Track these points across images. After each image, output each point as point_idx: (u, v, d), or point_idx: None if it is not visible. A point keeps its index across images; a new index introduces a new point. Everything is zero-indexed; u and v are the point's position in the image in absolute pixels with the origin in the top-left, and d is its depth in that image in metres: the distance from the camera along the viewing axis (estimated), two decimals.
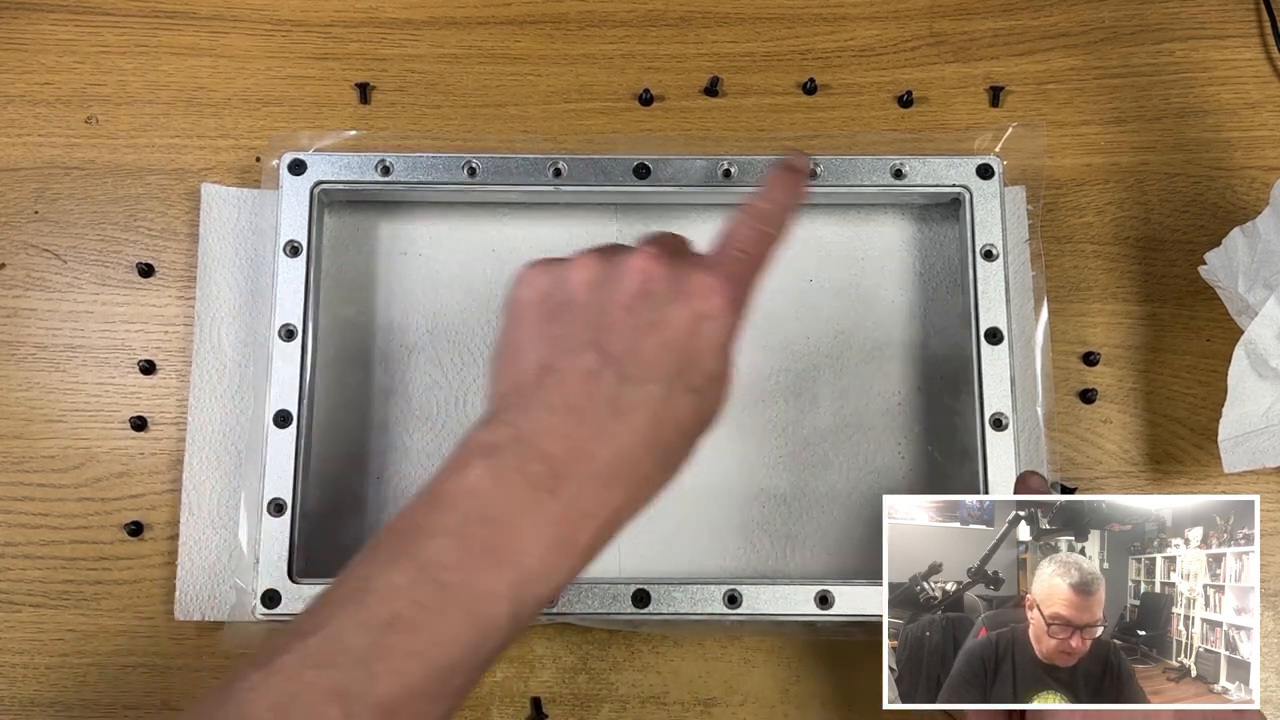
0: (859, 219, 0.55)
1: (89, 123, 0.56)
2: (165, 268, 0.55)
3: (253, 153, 0.56)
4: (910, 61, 0.58)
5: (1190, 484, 0.53)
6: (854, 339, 0.54)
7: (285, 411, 0.50)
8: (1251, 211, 0.54)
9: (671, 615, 0.48)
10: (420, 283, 0.54)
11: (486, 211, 0.55)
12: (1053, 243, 0.55)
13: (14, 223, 0.55)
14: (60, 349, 0.54)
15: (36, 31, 0.57)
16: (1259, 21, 0.58)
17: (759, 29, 0.58)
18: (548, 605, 0.41)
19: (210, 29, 0.58)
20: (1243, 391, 0.48)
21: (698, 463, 0.52)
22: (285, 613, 0.48)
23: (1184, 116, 0.57)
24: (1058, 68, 0.58)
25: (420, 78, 0.57)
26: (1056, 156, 0.56)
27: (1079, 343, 0.54)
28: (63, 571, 0.51)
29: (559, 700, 0.50)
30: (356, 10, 0.58)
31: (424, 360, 0.53)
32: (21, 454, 0.52)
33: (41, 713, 0.50)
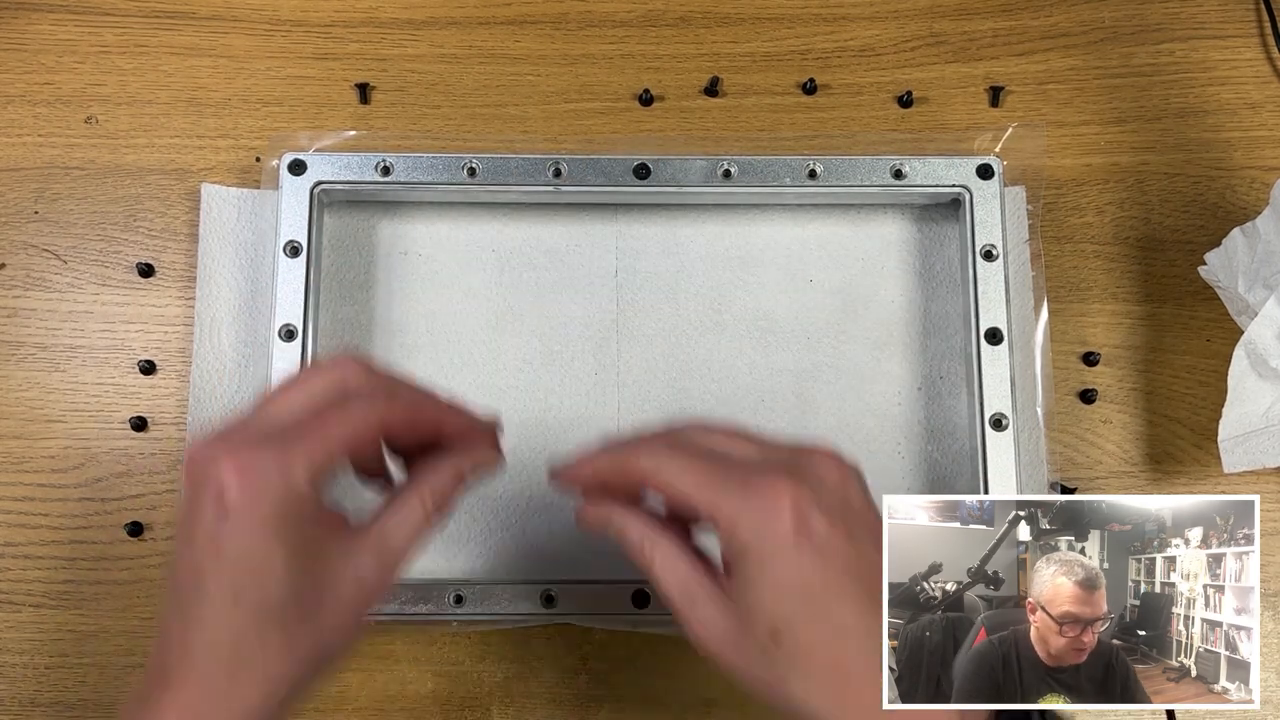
0: (859, 219, 0.55)
1: (89, 123, 0.56)
2: (165, 268, 0.55)
3: (253, 153, 0.56)
4: (910, 61, 0.58)
5: (1190, 484, 0.53)
6: (854, 339, 0.54)
7: None
8: (1251, 211, 0.54)
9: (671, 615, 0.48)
10: (420, 283, 0.54)
11: (486, 211, 0.55)
12: (1053, 243, 0.55)
13: (14, 223, 0.55)
14: (60, 349, 0.54)
15: (36, 31, 0.57)
16: (1259, 21, 0.58)
17: (759, 29, 0.58)
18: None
19: (210, 29, 0.58)
20: (1243, 391, 0.48)
21: None
22: None
23: (1184, 116, 0.57)
24: (1058, 68, 0.58)
25: (420, 78, 0.57)
26: (1056, 156, 0.56)
27: (1079, 343, 0.54)
28: (63, 572, 0.51)
29: (559, 700, 0.50)
30: (356, 10, 0.58)
31: (424, 360, 0.53)
32: (21, 454, 0.52)
33: (41, 713, 0.50)
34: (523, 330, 0.54)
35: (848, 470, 0.37)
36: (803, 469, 0.36)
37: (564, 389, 0.53)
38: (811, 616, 0.35)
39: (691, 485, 0.37)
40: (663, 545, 0.38)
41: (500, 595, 0.48)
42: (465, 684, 0.51)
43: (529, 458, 0.52)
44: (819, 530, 0.35)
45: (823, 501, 0.35)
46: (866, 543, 0.36)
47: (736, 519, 0.35)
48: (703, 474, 0.37)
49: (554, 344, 0.53)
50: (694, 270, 0.54)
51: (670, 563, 0.38)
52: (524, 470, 0.52)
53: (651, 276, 0.54)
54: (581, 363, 0.53)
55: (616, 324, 0.54)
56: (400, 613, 0.48)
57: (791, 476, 0.36)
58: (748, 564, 0.35)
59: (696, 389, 0.53)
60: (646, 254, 0.54)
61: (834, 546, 0.35)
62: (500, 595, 0.48)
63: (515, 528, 0.51)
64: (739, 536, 0.35)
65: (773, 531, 0.35)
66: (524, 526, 0.52)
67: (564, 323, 0.54)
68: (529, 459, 0.52)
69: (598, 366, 0.53)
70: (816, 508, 0.35)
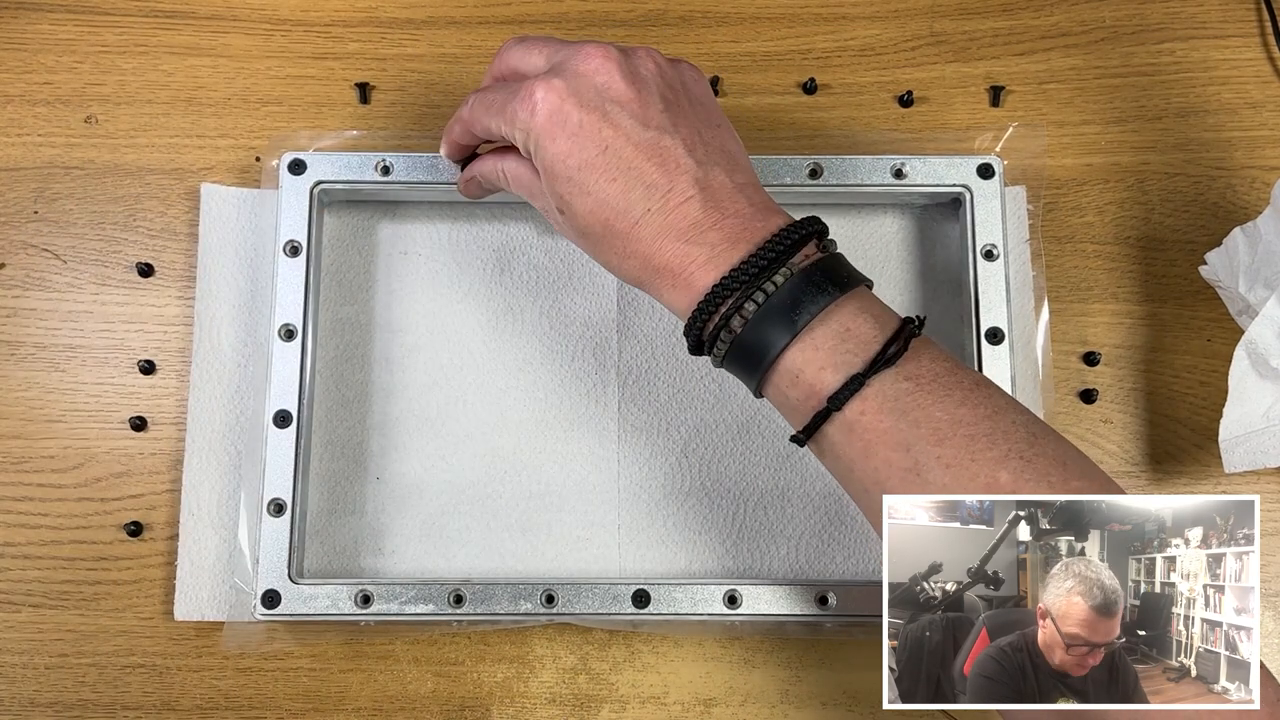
0: (859, 219, 0.55)
1: (89, 122, 0.56)
2: (165, 268, 0.55)
3: (253, 152, 0.56)
4: (910, 61, 0.58)
5: (1190, 484, 0.53)
6: None
7: (285, 411, 0.50)
8: (1252, 211, 0.54)
9: (671, 615, 0.48)
10: (420, 283, 0.54)
11: (486, 211, 0.55)
12: (1053, 243, 0.55)
13: (14, 223, 0.55)
14: (60, 349, 0.54)
15: (36, 31, 0.57)
16: (1259, 21, 0.58)
17: (759, 29, 0.58)
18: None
19: (210, 29, 0.58)
20: (1243, 391, 0.48)
21: (697, 463, 0.52)
22: (285, 613, 0.48)
23: (1184, 116, 0.57)
24: (1058, 67, 0.57)
25: (420, 78, 0.57)
26: (1057, 156, 0.56)
27: (1079, 343, 0.54)
28: (62, 571, 0.51)
29: (559, 700, 0.50)
30: (356, 10, 0.58)
31: (424, 360, 0.53)
32: (21, 454, 0.52)
33: (41, 713, 0.50)
34: (523, 330, 0.54)
35: (612, 59, 0.42)
36: (563, 67, 0.42)
37: (564, 389, 0.53)
38: (576, 192, 0.41)
39: (488, 116, 0.44)
40: (507, 163, 0.46)
41: (500, 595, 0.48)
42: (465, 684, 0.51)
43: (529, 458, 0.52)
44: (572, 118, 0.41)
45: (578, 92, 0.41)
46: (624, 117, 0.41)
47: (514, 128, 0.42)
48: (494, 103, 0.44)
49: (554, 344, 0.53)
50: None
51: (514, 172, 0.45)
52: (524, 470, 0.52)
53: None
54: (581, 363, 0.53)
55: (616, 324, 0.54)
56: (400, 613, 0.48)
57: (549, 76, 0.42)
58: (535, 160, 0.42)
59: (696, 389, 0.53)
60: None
61: (586, 129, 0.41)
62: (500, 595, 0.48)
63: (515, 528, 0.51)
64: (521, 142, 0.43)
65: (536, 128, 0.41)
66: (524, 526, 0.52)
67: (564, 323, 0.54)
68: (529, 459, 0.52)
69: (598, 366, 0.53)
70: (571, 99, 0.41)
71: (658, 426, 0.52)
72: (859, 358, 0.38)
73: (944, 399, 0.38)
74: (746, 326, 0.39)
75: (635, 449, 0.52)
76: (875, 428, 0.38)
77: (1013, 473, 0.36)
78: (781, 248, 0.39)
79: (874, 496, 0.39)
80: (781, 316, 0.39)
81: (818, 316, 0.39)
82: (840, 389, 0.38)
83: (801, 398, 0.39)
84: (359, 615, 0.48)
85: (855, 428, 0.38)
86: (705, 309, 0.40)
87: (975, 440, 0.37)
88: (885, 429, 0.38)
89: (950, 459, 0.37)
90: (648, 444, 0.52)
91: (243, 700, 0.50)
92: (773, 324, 0.39)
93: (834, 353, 0.38)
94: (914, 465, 0.37)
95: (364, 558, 0.51)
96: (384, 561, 0.51)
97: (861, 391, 0.38)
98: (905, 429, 0.37)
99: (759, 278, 0.39)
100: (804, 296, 0.39)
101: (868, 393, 0.38)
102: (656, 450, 0.52)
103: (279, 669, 0.51)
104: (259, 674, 0.51)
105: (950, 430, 0.37)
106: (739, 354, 0.40)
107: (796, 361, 0.39)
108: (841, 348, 0.38)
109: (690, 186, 0.41)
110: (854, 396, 0.38)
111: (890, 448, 0.38)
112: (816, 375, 0.39)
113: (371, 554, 0.51)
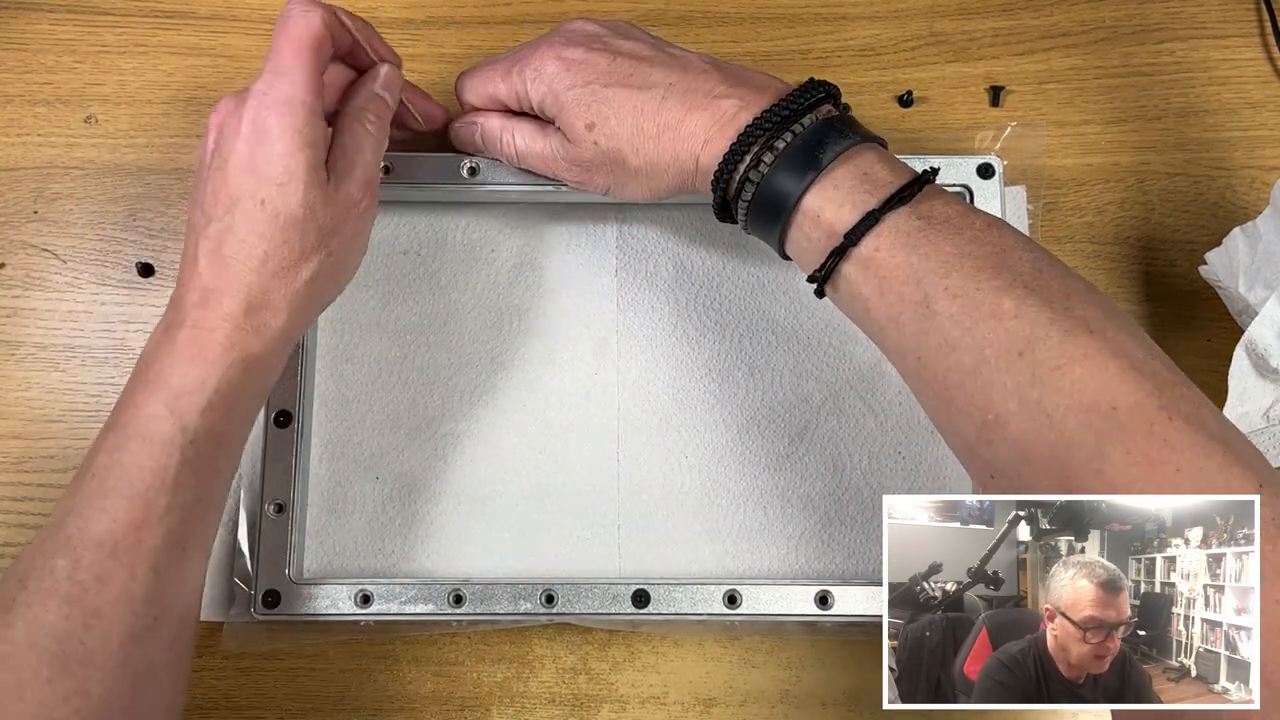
0: None
1: (88, 122, 0.56)
2: (165, 268, 0.55)
3: None
4: (910, 61, 0.58)
5: None
6: (854, 339, 0.53)
7: (285, 411, 0.50)
8: (1252, 211, 0.54)
9: (671, 615, 0.48)
10: (420, 283, 0.54)
11: (486, 211, 0.55)
12: (1053, 242, 0.55)
13: (14, 223, 0.55)
14: (60, 349, 0.54)
15: (36, 31, 0.57)
16: (1259, 21, 0.58)
17: (759, 29, 0.58)
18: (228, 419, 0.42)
19: (210, 29, 0.58)
20: (1243, 391, 0.48)
21: (697, 463, 0.52)
22: (285, 613, 0.48)
23: (1184, 116, 0.57)
24: (1058, 67, 0.57)
25: (420, 78, 0.57)
26: (1057, 156, 0.56)
27: None
28: None
29: (559, 700, 0.50)
30: (356, 10, 0.58)
31: (424, 360, 0.53)
32: (21, 454, 0.52)
33: None
34: (523, 330, 0.54)
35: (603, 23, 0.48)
36: (561, 31, 0.48)
37: (564, 389, 0.53)
38: (599, 104, 0.45)
39: (498, 87, 0.48)
40: (517, 136, 0.49)
41: (500, 595, 0.48)
42: (465, 684, 0.51)
43: (529, 458, 0.52)
44: (576, 54, 0.46)
45: (569, 39, 0.47)
46: (617, 39, 0.46)
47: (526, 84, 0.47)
48: (499, 75, 0.48)
49: (554, 344, 0.53)
50: (694, 270, 0.54)
51: (523, 147, 0.49)
52: (524, 470, 0.52)
53: (651, 276, 0.54)
54: (581, 363, 0.53)
55: (616, 324, 0.54)
56: (400, 613, 0.48)
57: (549, 37, 0.47)
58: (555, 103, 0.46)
59: (696, 389, 0.53)
60: (646, 254, 0.54)
61: (593, 54, 0.45)
62: (500, 595, 0.48)
63: (515, 528, 0.51)
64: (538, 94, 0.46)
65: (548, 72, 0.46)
66: (524, 526, 0.51)
67: (564, 323, 0.54)
68: (529, 459, 0.52)
69: (598, 366, 0.53)
70: (565, 46, 0.46)
71: (658, 426, 0.52)
72: (875, 197, 0.40)
73: (954, 236, 0.39)
74: (774, 165, 0.41)
75: (635, 449, 0.52)
76: (889, 263, 0.40)
77: (1016, 300, 0.37)
78: (806, 99, 0.42)
79: (889, 335, 0.41)
80: (806, 155, 0.41)
81: (840, 157, 0.41)
82: (857, 224, 0.40)
83: (822, 237, 0.41)
84: (359, 615, 0.48)
85: (870, 264, 0.40)
86: (738, 150, 0.42)
87: (981, 271, 0.38)
88: (898, 264, 0.39)
89: (957, 289, 0.38)
90: (648, 444, 0.52)
91: (243, 700, 0.50)
92: (797, 165, 0.41)
93: (853, 191, 0.41)
94: (924, 298, 0.39)
95: (364, 558, 0.51)
96: (384, 561, 0.51)
97: (876, 228, 0.40)
98: (916, 262, 0.39)
99: (788, 120, 0.42)
100: (828, 138, 0.41)
101: (882, 229, 0.40)
102: (656, 450, 0.52)
103: (279, 669, 0.51)
104: (259, 674, 0.51)
105: (958, 263, 0.39)
106: (763, 202, 0.42)
107: (817, 201, 0.41)
108: (860, 188, 0.41)
109: (703, 63, 0.45)
110: (869, 233, 0.40)
111: (903, 281, 0.39)
112: (836, 213, 0.41)
113: (371, 554, 0.51)
